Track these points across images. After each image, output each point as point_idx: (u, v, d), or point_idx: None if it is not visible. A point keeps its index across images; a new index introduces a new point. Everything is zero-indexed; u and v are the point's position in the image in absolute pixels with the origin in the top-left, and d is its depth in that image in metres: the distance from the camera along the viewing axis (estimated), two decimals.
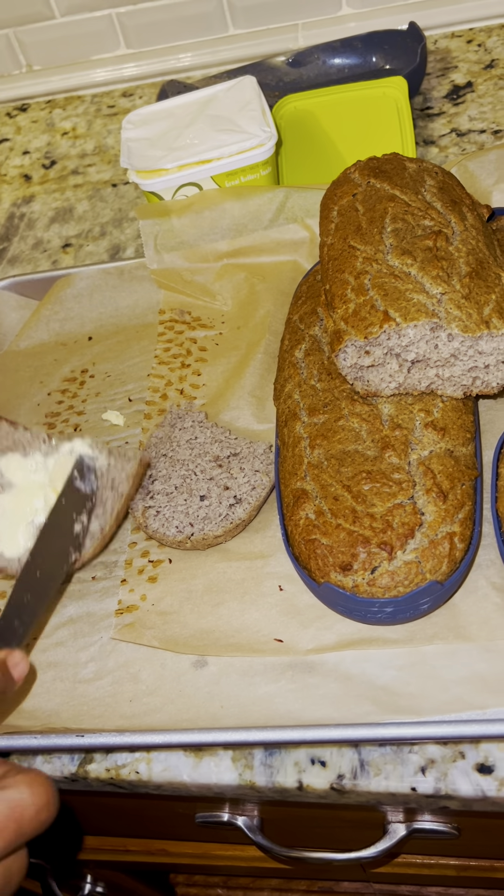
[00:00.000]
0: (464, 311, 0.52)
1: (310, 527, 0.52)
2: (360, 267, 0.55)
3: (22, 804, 0.36)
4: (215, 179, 0.73)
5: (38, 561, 0.54)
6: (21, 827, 0.36)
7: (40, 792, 0.37)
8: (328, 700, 0.50)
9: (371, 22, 0.96)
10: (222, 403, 0.67)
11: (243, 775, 0.50)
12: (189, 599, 0.57)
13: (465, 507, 0.51)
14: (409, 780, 0.48)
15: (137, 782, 0.52)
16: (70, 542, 0.57)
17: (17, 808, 0.36)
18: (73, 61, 1.07)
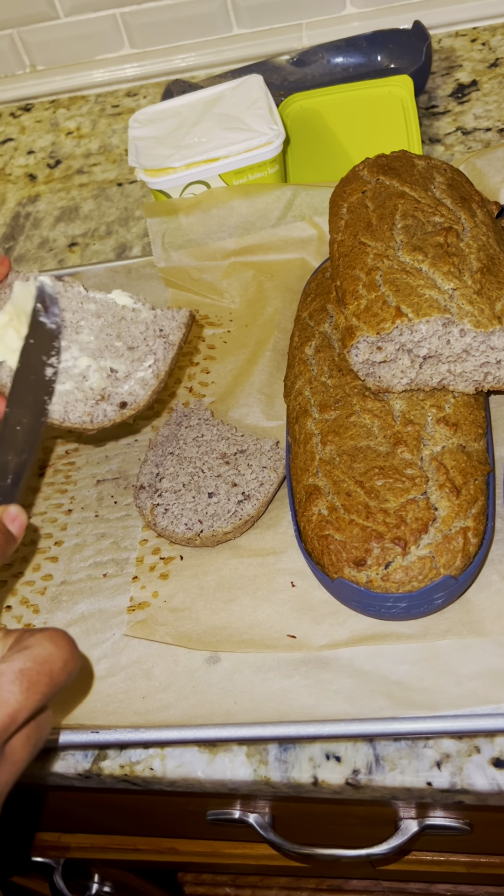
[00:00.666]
0: (476, 307, 0.52)
1: (323, 522, 0.52)
2: (371, 263, 0.56)
3: (50, 658, 0.37)
4: (223, 177, 0.73)
5: (14, 413, 0.51)
6: (52, 680, 0.37)
7: (63, 645, 0.38)
8: (342, 695, 0.50)
9: (375, 21, 0.97)
10: (231, 401, 0.67)
11: (258, 771, 0.50)
12: (201, 596, 0.57)
13: (478, 502, 0.51)
14: (424, 774, 0.48)
15: (151, 779, 0.52)
16: (43, 389, 0.53)
17: (47, 662, 0.36)
18: (77, 61, 1.07)
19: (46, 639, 0.38)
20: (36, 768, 0.54)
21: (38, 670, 0.36)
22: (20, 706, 0.35)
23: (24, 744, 0.37)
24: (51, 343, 0.54)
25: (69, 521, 0.65)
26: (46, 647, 0.37)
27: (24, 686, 0.35)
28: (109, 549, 0.62)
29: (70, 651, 0.38)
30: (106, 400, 0.56)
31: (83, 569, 0.61)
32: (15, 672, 0.36)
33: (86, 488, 0.67)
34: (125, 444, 0.69)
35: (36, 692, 0.36)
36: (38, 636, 0.38)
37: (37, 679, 0.36)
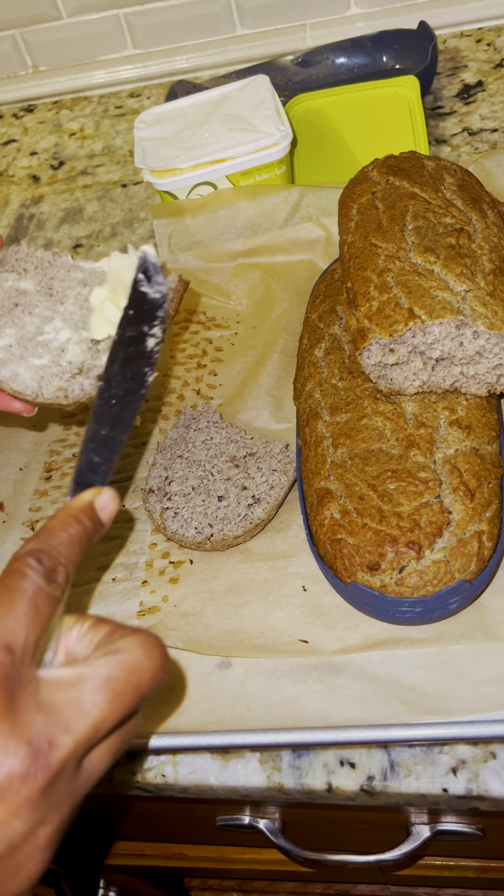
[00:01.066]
0: (489, 309, 0.51)
1: (335, 526, 0.52)
2: (382, 265, 0.55)
3: (140, 668, 0.34)
4: (230, 178, 0.73)
5: (111, 387, 0.47)
6: (140, 691, 0.34)
7: (155, 654, 0.35)
8: (356, 701, 0.50)
9: (379, 22, 0.96)
10: (240, 403, 0.67)
11: (271, 777, 0.50)
12: (212, 600, 0.57)
13: (492, 505, 0.51)
14: (439, 780, 0.48)
15: (163, 785, 0.52)
16: (144, 361, 0.49)
17: (136, 672, 0.34)
18: (80, 62, 1.07)
19: (138, 645, 0.35)
20: None
21: (126, 680, 0.34)
22: (104, 718, 0.33)
23: (102, 756, 0.35)
24: (153, 313, 0.50)
25: None
26: (137, 654, 0.34)
27: (110, 697, 0.33)
28: (118, 554, 0.62)
29: (161, 661, 0.35)
30: (83, 374, 0.54)
31: (91, 573, 0.61)
32: (101, 679, 0.33)
33: None
34: (132, 446, 0.68)
35: (121, 703, 0.33)
36: (131, 640, 0.35)
37: (123, 689, 0.33)
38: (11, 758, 0.30)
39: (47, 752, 0.31)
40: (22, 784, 0.30)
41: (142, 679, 0.34)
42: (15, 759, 0.30)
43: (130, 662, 0.34)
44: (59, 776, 0.32)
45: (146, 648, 0.35)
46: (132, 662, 0.34)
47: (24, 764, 0.30)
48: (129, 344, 0.49)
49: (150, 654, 0.35)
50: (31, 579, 0.35)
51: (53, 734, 0.31)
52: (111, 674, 0.33)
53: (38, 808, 0.31)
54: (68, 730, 0.32)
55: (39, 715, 0.31)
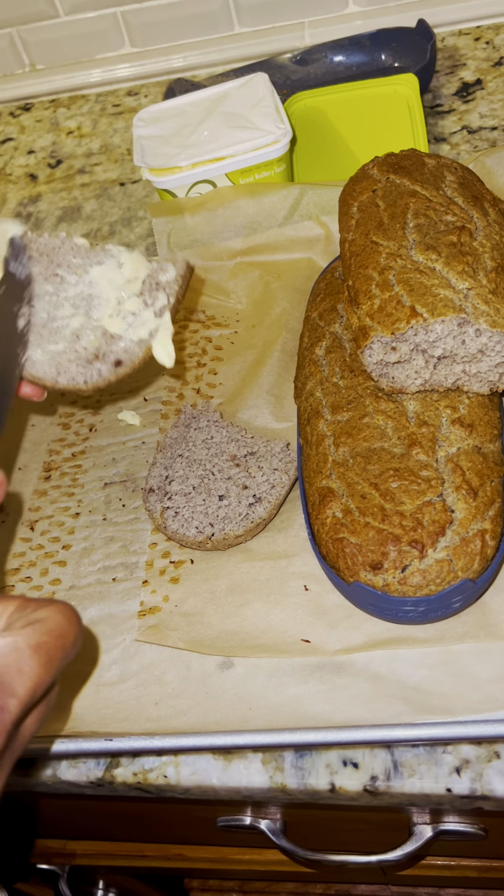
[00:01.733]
0: (491, 307, 0.51)
1: (337, 525, 0.51)
2: (383, 262, 0.55)
3: (64, 633, 0.36)
4: (229, 177, 0.73)
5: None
6: (66, 654, 0.36)
7: (73, 619, 0.38)
8: (359, 701, 0.49)
9: (378, 20, 0.96)
10: (240, 402, 0.67)
11: (274, 778, 0.50)
12: (213, 600, 0.56)
13: (495, 503, 0.51)
14: (443, 780, 0.48)
15: (165, 786, 0.51)
16: (16, 341, 0.51)
17: (61, 637, 0.36)
18: (78, 60, 1.06)
19: (58, 612, 0.37)
20: (46, 776, 0.53)
21: (53, 644, 0.36)
22: (40, 680, 0.35)
23: (35, 720, 0.37)
24: (21, 293, 0.52)
25: (77, 524, 0.64)
26: (59, 620, 0.37)
27: (44, 661, 0.35)
28: (118, 553, 0.61)
29: (79, 625, 0.38)
30: (100, 359, 0.54)
31: (92, 573, 0.61)
32: (34, 645, 0.35)
33: (93, 491, 0.66)
34: (132, 446, 0.68)
35: (52, 667, 0.35)
36: (49, 608, 0.37)
37: (53, 654, 0.36)
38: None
39: (1, 717, 0.33)
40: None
41: (66, 643, 0.37)
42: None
43: (55, 629, 0.36)
44: (7, 740, 0.33)
45: (66, 615, 0.37)
46: (57, 629, 0.36)
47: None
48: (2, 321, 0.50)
49: (70, 620, 0.37)
50: None
51: (2, 699, 0.33)
52: (41, 640, 0.35)
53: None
54: (13, 693, 0.33)
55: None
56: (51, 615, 0.37)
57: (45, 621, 0.36)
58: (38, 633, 0.36)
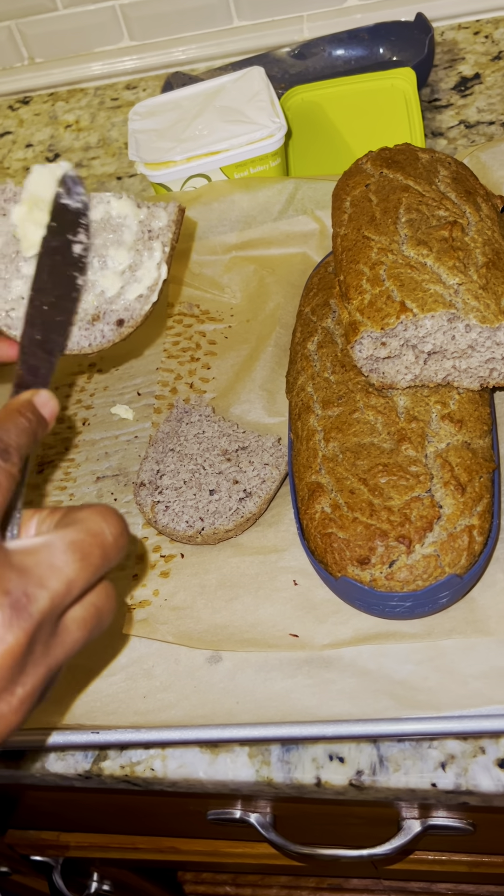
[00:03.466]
0: (481, 302, 0.51)
1: (326, 520, 0.51)
2: (375, 257, 0.55)
3: (101, 531, 0.35)
4: (224, 171, 0.73)
5: (41, 294, 0.48)
6: (105, 553, 0.35)
7: (113, 520, 0.36)
8: (346, 695, 0.50)
9: (377, 13, 0.96)
10: (233, 397, 0.66)
11: (260, 772, 0.50)
12: (202, 594, 0.56)
13: (483, 499, 0.50)
14: (428, 775, 0.48)
15: (152, 779, 0.51)
16: (73, 266, 0.50)
17: (98, 535, 0.35)
18: (76, 53, 1.06)
19: (96, 513, 0.36)
20: (35, 768, 0.53)
21: (90, 542, 0.35)
22: (75, 576, 0.34)
23: (80, 624, 0.35)
24: (77, 221, 0.51)
25: None
26: (96, 519, 0.36)
27: (78, 556, 0.34)
28: None
29: (121, 527, 0.37)
30: (101, 320, 0.53)
31: None
32: (67, 542, 0.34)
33: (85, 485, 0.66)
34: (125, 440, 0.68)
35: (90, 563, 0.34)
36: (88, 510, 0.36)
37: (89, 550, 0.35)
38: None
39: (25, 603, 0.32)
40: (5, 632, 0.31)
41: (105, 541, 0.35)
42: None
43: (92, 527, 0.35)
44: (39, 630, 0.32)
45: (104, 514, 0.36)
46: (93, 527, 0.35)
47: (3, 615, 0.31)
48: (55, 252, 0.50)
49: (107, 519, 0.36)
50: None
51: (28, 588, 0.32)
52: (76, 537, 0.34)
53: (21, 660, 0.31)
54: (43, 585, 0.32)
55: (13, 573, 0.32)
56: (89, 515, 0.36)
57: (84, 520, 0.35)
58: (73, 531, 0.35)
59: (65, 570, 0.33)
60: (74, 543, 0.34)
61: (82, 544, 0.34)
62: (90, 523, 0.35)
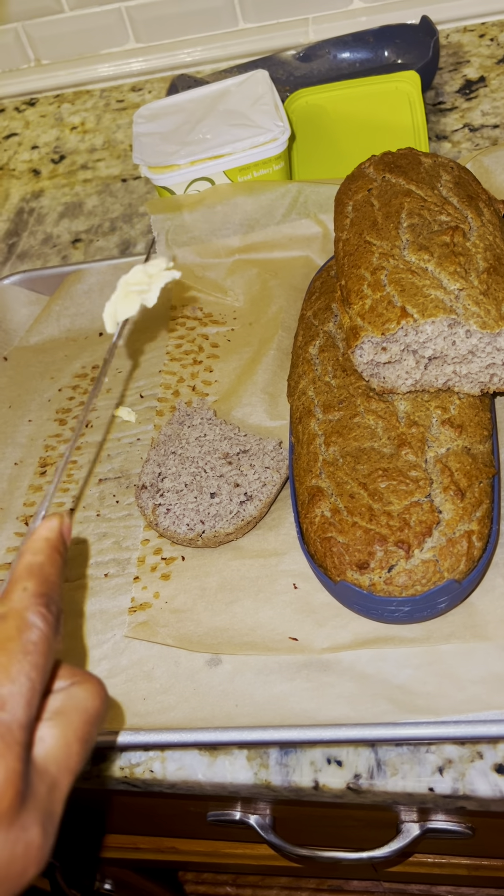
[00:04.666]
0: (482, 308, 0.51)
1: (325, 524, 0.52)
2: (376, 262, 0.55)
3: (99, 715, 0.37)
4: (228, 174, 0.73)
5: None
6: (96, 733, 0.37)
7: (105, 699, 0.37)
8: (344, 699, 0.50)
9: (382, 16, 0.96)
10: (235, 400, 0.67)
11: (259, 774, 0.50)
12: (203, 597, 0.57)
13: (482, 505, 0.51)
14: (426, 780, 0.48)
15: (151, 781, 0.52)
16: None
17: (97, 719, 0.36)
18: (82, 55, 1.07)
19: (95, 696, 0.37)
20: None
21: (92, 732, 0.36)
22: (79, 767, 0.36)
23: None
24: None
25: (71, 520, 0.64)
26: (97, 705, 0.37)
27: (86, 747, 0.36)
28: (111, 549, 0.62)
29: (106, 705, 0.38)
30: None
31: (85, 568, 0.61)
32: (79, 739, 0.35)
33: (87, 487, 0.66)
34: (127, 442, 0.68)
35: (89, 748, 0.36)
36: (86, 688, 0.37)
37: (92, 737, 0.36)
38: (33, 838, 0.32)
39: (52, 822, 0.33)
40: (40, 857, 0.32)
41: (101, 724, 0.37)
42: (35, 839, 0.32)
43: (93, 714, 0.36)
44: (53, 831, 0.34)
45: (102, 696, 0.37)
46: (94, 714, 0.36)
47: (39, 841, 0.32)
48: None
49: (104, 702, 0.37)
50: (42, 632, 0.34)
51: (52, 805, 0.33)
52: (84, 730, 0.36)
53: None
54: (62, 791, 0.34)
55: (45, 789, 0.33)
56: (89, 698, 0.37)
57: (87, 707, 0.36)
58: (81, 720, 0.36)
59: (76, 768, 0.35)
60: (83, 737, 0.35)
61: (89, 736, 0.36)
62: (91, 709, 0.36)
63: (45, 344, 0.78)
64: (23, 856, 0.32)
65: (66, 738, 0.35)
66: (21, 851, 0.32)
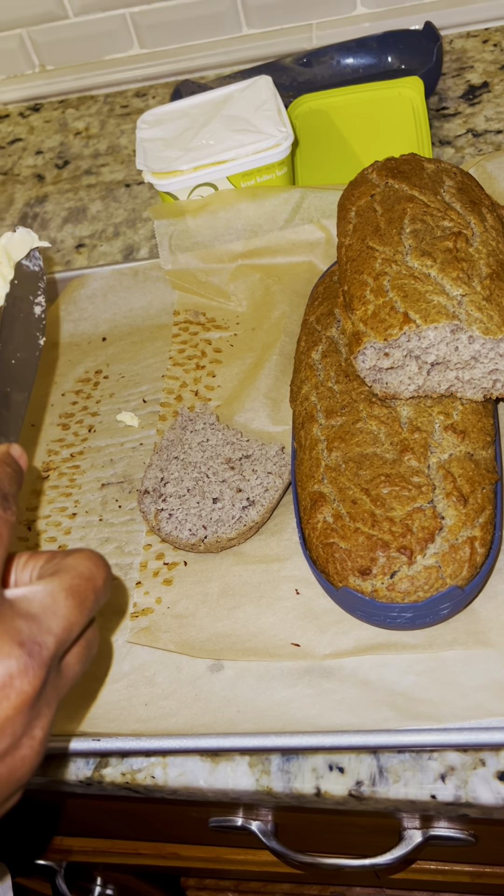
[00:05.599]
0: (485, 314, 0.51)
1: (328, 530, 0.52)
2: (378, 268, 0.55)
3: (93, 575, 0.38)
4: (231, 180, 0.73)
5: (8, 349, 0.53)
6: (97, 596, 0.38)
7: (101, 564, 0.39)
8: (346, 705, 0.50)
9: (385, 22, 0.96)
10: (237, 405, 0.67)
11: (260, 781, 0.50)
12: (205, 603, 0.57)
13: (485, 511, 0.50)
14: (428, 787, 0.48)
15: (153, 787, 0.52)
16: (34, 326, 0.55)
17: (91, 578, 0.38)
18: (86, 61, 1.07)
19: (86, 558, 0.39)
20: (37, 773, 0.54)
21: (85, 586, 0.37)
22: (75, 619, 0.36)
23: (77, 659, 0.38)
24: (36, 284, 0.57)
25: (73, 524, 0.64)
26: (88, 564, 0.38)
27: (77, 601, 0.37)
28: (113, 554, 0.62)
29: (107, 569, 0.39)
30: None
31: None
32: (66, 588, 0.37)
33: (90, 492, 0.66)
34: (130, 447, 0.68)
35: (86, 607, 0.37)
36: (77, 556, 0.39)
37: (85, 595, 0.37)
38: (9, 658, 0.33)
39: (38, 652, 0.34)
40: (22, 682, 0.33)
41: (97, 584, 0.38)
42: (11, 659, 0.33)
43: (85, 572, 0.38)
44: (48, 673, 0.35)
45: (93, 559, 0.39)
46: (86, 571, 0.38)
47: (20, 663, 0.33)
48: (19, 311, 0.55)
49: (97, 564, 0.39)
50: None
51: (39, 636, 0.35)
52: (73, 582, 0.37)
53: (35, 704, 0.34)
54: (50, 631, 0.35)
55: (23, 621, 0.35)
56: (80, 560, 0.39)
57: (77, 566, 0.38)
58: (69, 576, 0.37)
59: (67, 615, 0.36)
60: (72, 588, 0.37)
61: (79, 589, 0.37)
62: (82, 568, 0.38)
63: (49, 348, 0.78)
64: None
65: (52, 588, 0.36)
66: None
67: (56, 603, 0.36)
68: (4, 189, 0.99)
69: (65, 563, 0.38)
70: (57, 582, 0.37)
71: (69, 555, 0.39)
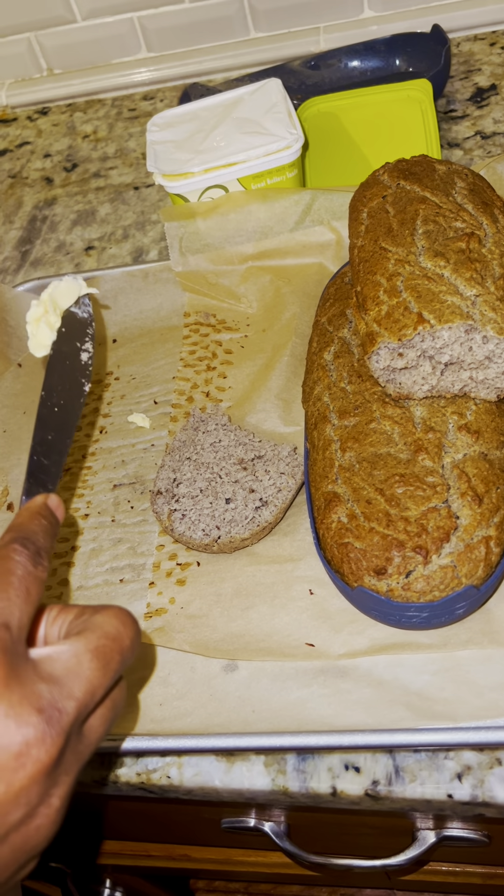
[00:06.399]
0: (499, 314, 0.51)
1: (342, 530, 0.52)
2: (392, 269, 0.55)
3: (120, 636, 0.37)
4: (241, 182, 0.73)
5: (52, 396, 0.52)
6: (123, 656, 0.37)
7: (129, 623, 0.38)
8: (361, 705, 0.50)
9: (393, 25, 0.96)
10: (249, 406, 0.67)
11: (276, 780, 0.50)
12: (218, 603, 0.57)
13: (500, 510, 0.51)
14: (445, 786, 0.48)
15: (168, 787, 0.52)
16: (80, 372, 0.55)
17: (118, 639, 0.37)
18: (94, 65, 1.07)
19: (114, 616, 0.38)
20: None
21: (111, 647, 0.37)
22: (98, 683, 0.35)
23: (101, 722, 0.37)
24: (84, 330, 0.56)
25: (86, 525, 0.64)
26: (115, 624, 0.38)
27: (102, 664, 0.36)
28: (126, 555, 0.62)
29: (135, 628, 0.39)
30: None
31: (100, 574, 0.61)
32: (91, 649, 0.36)
33: (102, 493, 0.66)
34: (141, 448, 0.68)
35: (110, 669, 0.36)
36: (106, 613, 0.38)
37: (111, 656, 0.36)
38: (26, 726, 0.32)
39: (58, 718, 0.33)
40: (39, 750, 0.32)
41: (123, 645, 0.37)
42: (29, 727, 0.32)
43: (111, 632, 0.37)
44: (68, 740, 0.34)
45: (121, 618, 0.38)
46: (113, 632, 0.37)
47: (38, 730, 0.33)
48: (66, 358, 0.54)
49: (125, 623, 0.38)
50: (20, 563, 0.37)
51: (59, 701, 0.34)
52: (98, 643, 0.36)
53: (53, 773, 0.33)
54: (71, 696, 0.34)
55: (44, 685, 0.34)
56: (107, 619, 0.38)
57: (103, 625, 0.37)
58: (95, 636, 0.37)
59: (90, 678, 0.35)
60: (97, 650, 0.36)
61: (104, 650, 0.36)
62: (109, 627, 0.37)
63: None
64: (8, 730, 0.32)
65: (76, 649, 0.36)
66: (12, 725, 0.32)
67: (80, 665, 0.35)
68: (13, 192, 0.99)
69: (92, 622, 0.38)
70: (83, 643, 0.36)
71: (98, 612, 0.38)
